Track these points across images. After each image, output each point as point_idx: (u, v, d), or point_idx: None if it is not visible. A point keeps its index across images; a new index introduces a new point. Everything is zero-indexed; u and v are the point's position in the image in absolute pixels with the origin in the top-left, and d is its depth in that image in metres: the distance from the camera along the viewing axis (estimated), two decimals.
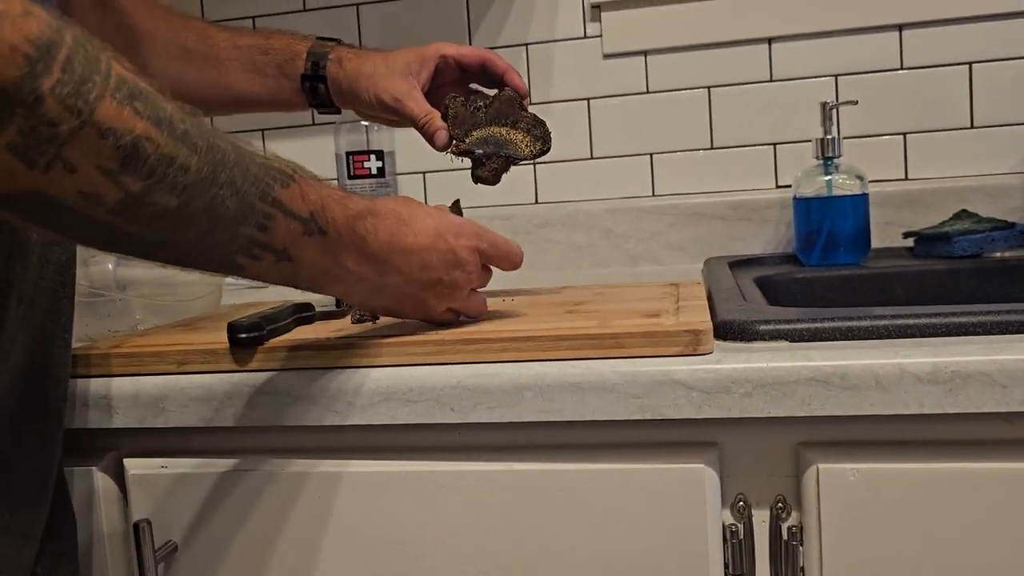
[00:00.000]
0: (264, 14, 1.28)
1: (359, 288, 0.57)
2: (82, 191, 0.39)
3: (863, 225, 1.00)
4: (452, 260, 0.60)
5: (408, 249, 0.57)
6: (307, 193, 0.51)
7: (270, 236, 0.48)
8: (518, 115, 0.78)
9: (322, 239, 0.52)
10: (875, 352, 0.53)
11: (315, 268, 0.53)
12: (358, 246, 0.54)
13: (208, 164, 0.43)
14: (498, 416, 0.57)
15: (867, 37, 1.12)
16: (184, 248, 0.46)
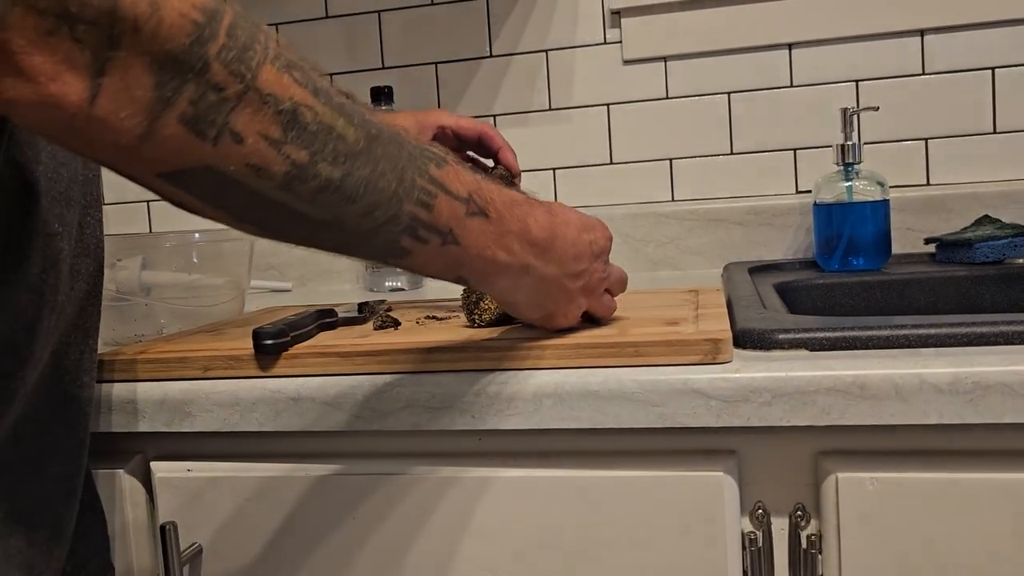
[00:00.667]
0: (286, 21, 1.29)
1: (523, 280, 0.54)
2: (249, 163, 0.39)
3: (884, 231, 1.00)
4: (596, 251, 0.59)
5: (564, 237, 0.55)
6: (461, 173, 0.49)
7: (435, 216, 0.47)
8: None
9: (484, 220, 0.50)
10: (895, 362, 0.53)
11: (482, 253, 0.50)
12: (520, 230, 0.52)
13: (365, 137, 0.43)
14: (518, 423, 0.57)
15: (888, 42, 1.12)
16: (349, 228, 0.45)
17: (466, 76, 1.24)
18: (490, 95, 1.24)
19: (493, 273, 0.52)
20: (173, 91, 0.36)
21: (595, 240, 0.59)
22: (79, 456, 0.58)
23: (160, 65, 0.36)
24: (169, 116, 0.37)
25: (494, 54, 1.23)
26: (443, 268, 0.50)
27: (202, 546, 0.64)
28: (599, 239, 0.59)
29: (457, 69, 1.25)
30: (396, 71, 1.26)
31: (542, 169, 1.23)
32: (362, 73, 1.27)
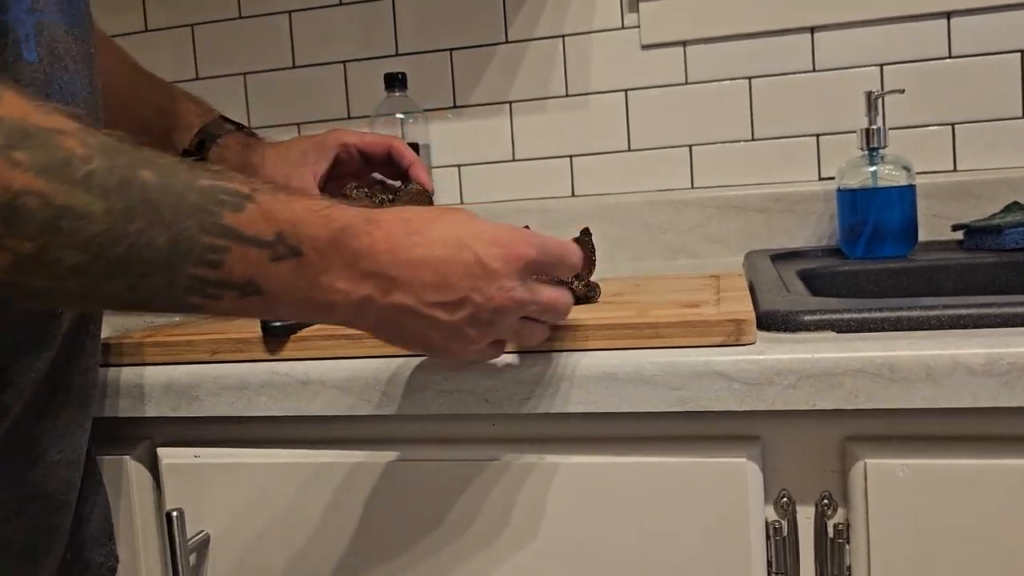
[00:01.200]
0: (300, 8, 1.28)
1: (363, 314, 0.47)
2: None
3: (910, 217, 0.97)
4: (482, 274, 0.47)
5: (418, 261, 0.46)
6: (271, 212, 0.44)
7: (226, 272, 0.42)
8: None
9: (297, 261, 0.44)
10: (926, 343, 0.51)
11: (295, 296, 0.45)
12: (348, 262, 0.45)
13: (122, 205, 0.38)
14: (533, 407, 0.55)
15: (913, 25, 1.09)
16: (118, 299, 0.41)
17: (481, 63, 1.23)
18: (506, 82, 1.22)
19: (315, 312, 0.47)
20: None
21: (481, 259, 0.47)
22: (80, 442, 0.57)
23: None
24: None
25: (510, 40, 1.21)
26: (252, 315, 0.46)
27: (209, 534, 0.63)
28: (490, 257, 0.47)
29: (472, 56, 1.23)
30: (410, 58, 1.25)
31: (559, 156, 1.21)
32: (376, 60, 1.26)
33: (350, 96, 1.27)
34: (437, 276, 0.47)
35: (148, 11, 1.34)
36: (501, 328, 0.50)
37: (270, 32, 1.30)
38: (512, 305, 0.48)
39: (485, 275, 0.47)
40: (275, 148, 0.73)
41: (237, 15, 1.30)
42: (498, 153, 1.23)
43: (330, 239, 0.45)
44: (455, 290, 0.47)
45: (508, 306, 0.48)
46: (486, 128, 1.23)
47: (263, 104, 1.31)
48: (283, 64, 1.29)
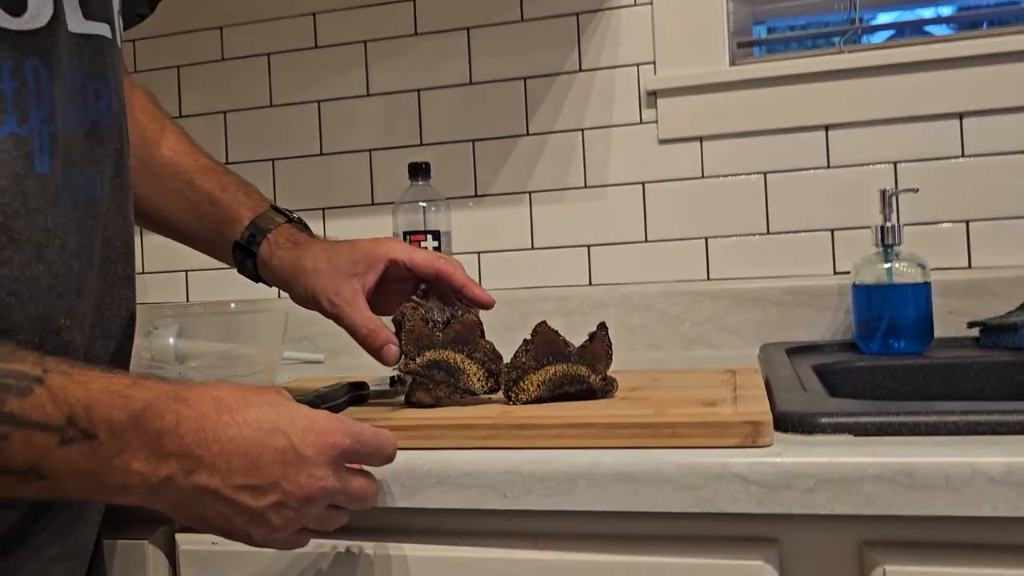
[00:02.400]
0: (328, 98, 1.32)
1: (162, 495, 0.45)
2: None
3: (925, 314, 0.98)
4: (294, 460, 0.47)
5: (227, 442, 0.45)
6: (62, 394, 0.43)
7: (4, 458, 0.42)
8: (477, 343, 0.69)
9: (89, 444, 0.43)
10: (945, 449, 0.51)
11: (84, 479, 0.44)
12: (148, 441, 0.44)
13: None
14: (551, 504, 0.56)
15: (926, 125, 1.12)
16: None
17: (503, 153, 1.26)
18: (526, 172, 1.25)
19: (108, 495, 0.46)
20: None
21: (294, 446, 0.47)
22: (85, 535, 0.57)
23: None
24: None
25: (531, 132, 1.25)
26: (38, 498, 0.45)
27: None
28: (303, 445, 0.47)
29: (494, 146, 1.26)
30: (434, 147, 1.28)
31: (577, 246, 1.23)
32: (401, 149, 1.30)
33: (375, 183, 1.31)
34: (247, 459, 0.46)
35: (183, 96, 1.39)
36: (307, 517, 0.49)
37: (299, 120, 1.34)
38: (321, 494, 0.48)
39: (297, 461, 0.47)
40: (325, 251, 0.71)
41: (268, 103, 1.35)
42: (517, 241, 1.26)
43: (129, 420, 0.44)
44: (265, 475, 0.46)
45: (317, 495, 0.48)
46: (506, 217, 1.26)
47: (290, 189, 1.34)
48: (311, 151, 1.34)
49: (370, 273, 0.70)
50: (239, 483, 0.45)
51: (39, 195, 0.50)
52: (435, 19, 1.28)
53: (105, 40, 0.56)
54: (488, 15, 1.26)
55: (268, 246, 0.72)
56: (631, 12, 1.21)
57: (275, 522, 0.47)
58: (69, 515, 0.55)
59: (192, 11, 1.37)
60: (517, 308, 1.22)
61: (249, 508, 0.46)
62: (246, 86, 1.36)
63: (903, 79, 1.11)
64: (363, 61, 1.31)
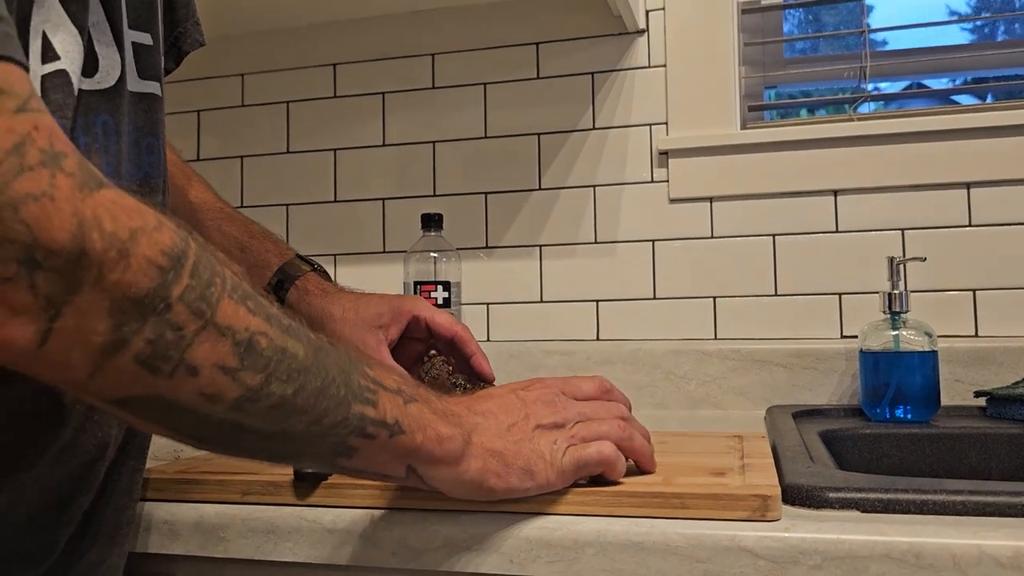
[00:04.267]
0: (344, 147, 1.34)
1: (472, 450, 0.52)
2: (203, 392, 0.39)
3: (932, 383, 0.98)
4: (529, 397, 0.58)
5: (486, 411, 0.56)
6: (388, 370, 0.51)
7: (380, 411, 0.47)
8: None
9: (419, 404, 0.50)
10: (952, 530, 0.51)
11: (427, 433, 0.50)
12: (443, 414, 0.52)
13: (313, 351, 0.44)
14: (557, 571, 0.56)
15: (934, 193, 1.13)
16: (298, 437, 0.44)
17: (515, 207, 1.28)
18: (537, 226, 1.27)
19: (441, 452, 0.51)
20: (131, 333, 0.36)
21: (524, 387, 0.59)
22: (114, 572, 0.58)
23: (120, 309, 0.36)
24: (123, 355, 0.37)
25: (543, 187, 1.27)
26: (390, 461, 0.49)
27: None
28: (527, 386, 0.59)
29: (506, 199, 1.28)
30: (447, 198, 1.30)
31: (585, 301, 1.24)
32: (413, 199, 1.31)
33: (387, 232, 1.32)
34: (501, 403, 0.56)
35: (202, 140, 1.41)
36: (564, 431, 0.57)
37: (315, 167, 1.36)
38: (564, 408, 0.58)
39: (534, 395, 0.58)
40: (353, 302, 0.75)
41: (285, 150, 1.37)
42: (526, 294, 1.26)
43: (428, 393, 0.52)
44: (516, 411, 0.56)
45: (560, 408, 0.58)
46: (516, 269, 1.27)
47: (303, 234, 1.36)
48: (325, 198, 1.35)
49: (393, 326, 0.74)
50: (507, 423, 0.55)
51: None
52: (453, 73, 1.31)
53: (156, 98, 0.59)
54: (505, 71, 1.28)
55: (297, 292, 0.75)
56: (645, 73, 1.23)
57: (540, 443, 0.56)
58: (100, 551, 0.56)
59: (214, 58, 1.39)
60: (523, 361, 1.23)
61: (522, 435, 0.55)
62: (264, 132, 1.38)
63: (912, 148, 1.13)
64: (380, 112, 1.33)
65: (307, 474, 0.61)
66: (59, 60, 0.48)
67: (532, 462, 0.55)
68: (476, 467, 0.52)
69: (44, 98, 0.47)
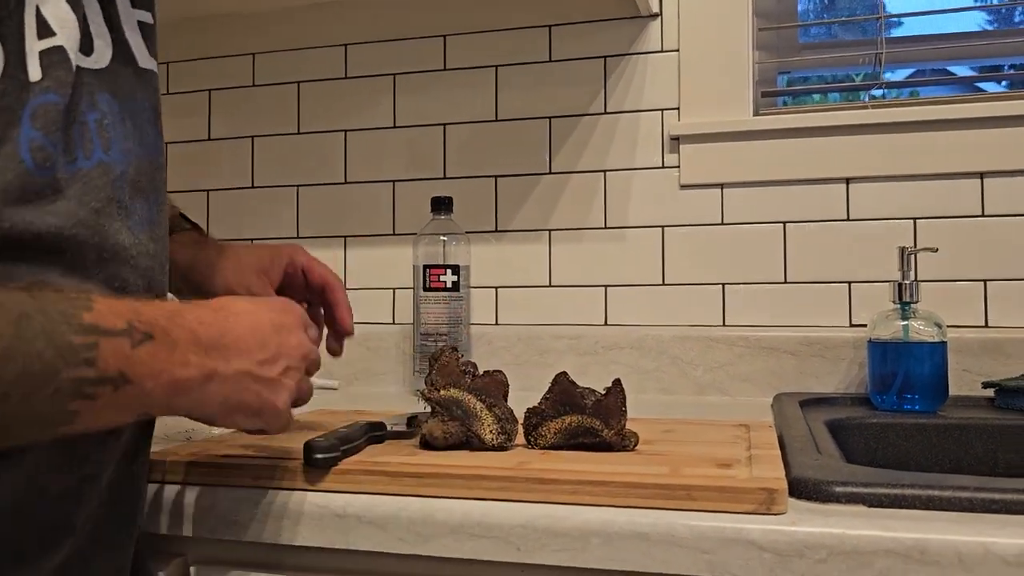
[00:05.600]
0: (354, 128, 1.34)
1: (211, 388, 0.50)
2: None
3: (941, 373, 0.98)
4: (282, 329, 0.57)
5: (238, 329, 0.53)
6: (114, 304, 0.46)
7: (100, 368, 0.43)
8: (499, 401, 0.71)
9: (152, 344, 0.46)
10: (958, 527, 0.51)
11: (159, 380, 0.46)
12: (191, 339, 0.49)
13: (14, 326, 0.40)
14: (564, 560, 0.56)
15: (947, 183, 1.13)
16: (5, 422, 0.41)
17: (525, 190, 1.27)
18: (547, 210, 1.27)
19: (176, 394, 0.48)
20: None
21: (277, 318, 0.57)
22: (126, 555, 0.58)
23: None
24: None
25: (553, 171, 1.26)
26: (117, 414, 0.46)
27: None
28: (280, 314, 0.58)
29: (516, 183, 1.28)
30: (457, 181, 1.30)
31: (594, 286, 1.24)
32: (424, 182, 1.31)
33: (396, 214, 1.32)
34: (256, 338, 0.54)
35: (213, 120, 1.41)
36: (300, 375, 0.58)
37: (325, 148, 1.36)
38: (308, 350, 0.59)
39: (285, 330, 0.57)
40: (234, 251, 0.77)
41: (296, 131, 1.37)
42: (535, 278, 1.27)
43: (169, 319, 0.48)
44: (271, 347, 0.55)
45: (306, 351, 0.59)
46: (525, 253, 1.27)
47: (313, 215, 1.36)
48: (335, 179, 1.35)
49: (274, 269, 0.78)
50: (260, 359, 0.54)
51: (120, 218, 0.53)
52: (464, 55, 1.30)
53: (155, 74, 0.60)
54: (517, 54, 1.28)
55: (175, 244, 0.73)
56: (658, 58, 1.22)
57: (288, 384, 0.56)
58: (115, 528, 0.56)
59: (225, 36, 1.39)
60: (532, 345, 1.23)
61: (271, 379, 0.55)
62: (275, 113, 1.38)
63: (926, 136, 1.12)
64: (391, 93, 1.33)
65: (318, 459, 0.62)
66: (55, 36, 0.48)
67: (264, 408, 0.55)
68: (213, 408, 0.52)
69: (46, 75, 0.47)
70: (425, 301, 1.18)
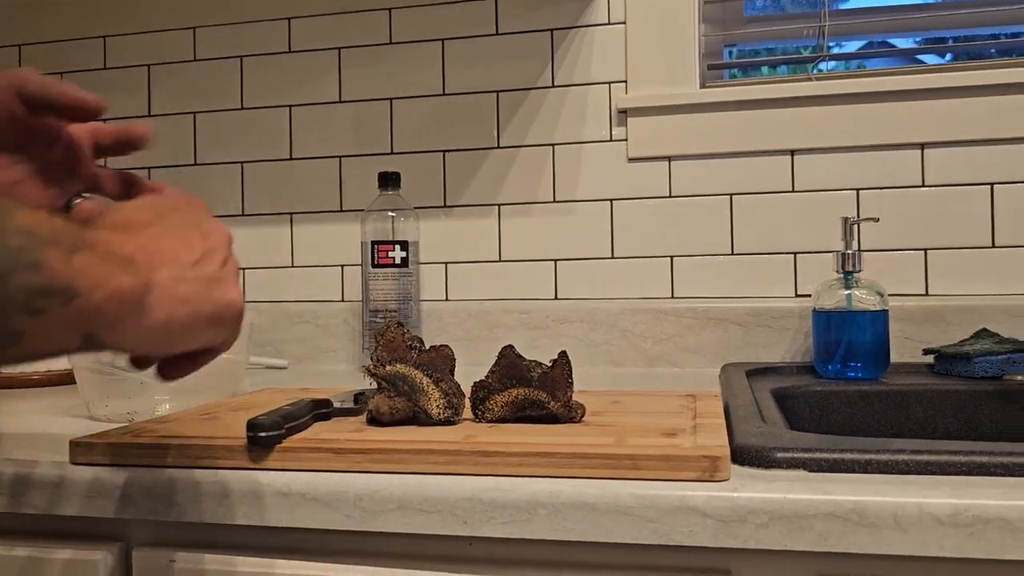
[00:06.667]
0: (300, 103, 1.32)
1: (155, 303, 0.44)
2: None
3: (882, 340, 1.00)
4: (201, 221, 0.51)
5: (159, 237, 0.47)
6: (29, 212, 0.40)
7: (47, 274, 0.38)
8: (446, 376, 0.70)
9: (84, 254, 0.40)
10: (894, 489, 0.52)
11: (104, 290, 0.41)
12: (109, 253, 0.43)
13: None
14: (510, 532, 0.56)
15: (889, 154, 1.14)
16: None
17: (473, 165, 1.26)
18: (496, 185, 1.26)
19: (124, 310, 0.42)
20: None
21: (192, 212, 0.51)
22: None
23: None
24: None
25: (501, 145, 1.26)
26: (65, 334, 0.40)
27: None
28: (196, 206, 0.52)
29: (464, 157, 1.27)
30: (405, 156, 1.28)
31: (544, 260, 1.24)
32: (371, 157, 1.29)
33: (344, 190, 1.31)
34: (181, 241, 0.48)
35: (153, 95, 1.37)
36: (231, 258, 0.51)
37: (270, 124, 1.33)
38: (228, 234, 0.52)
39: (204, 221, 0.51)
40: None
41: (239, 106, 1.34)
42: (485, 253, 1.26)
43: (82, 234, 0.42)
44: (200, 243, 0.49)
45: (229, 235, 0.52)
46: (474, 228, 1.26)
47: (258, 192, 1.34)
48: (280, 155, 1.33)
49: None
50: (193, 259, 0.48)
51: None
52: (410, 29, 1.28)
53: None
54: (463, 27, 1.26)
55: None
56: (605, 31, 1.22)
57: (230, 271, 0.50)
58: None
59: (165, 10, 1.35)
60: (482, 320, 1.23)
61: (211, 274, 0.48)
62: (217, 88, 1.35)
63: (868, 108, 1.14)
64: (336, 67, 1.31)
65: (261, 437, 0.61)
66: None
67: (221, 309, 0.48)
68: (161, 319, 0.44)
69: None
70: (374, 278, 1.16)
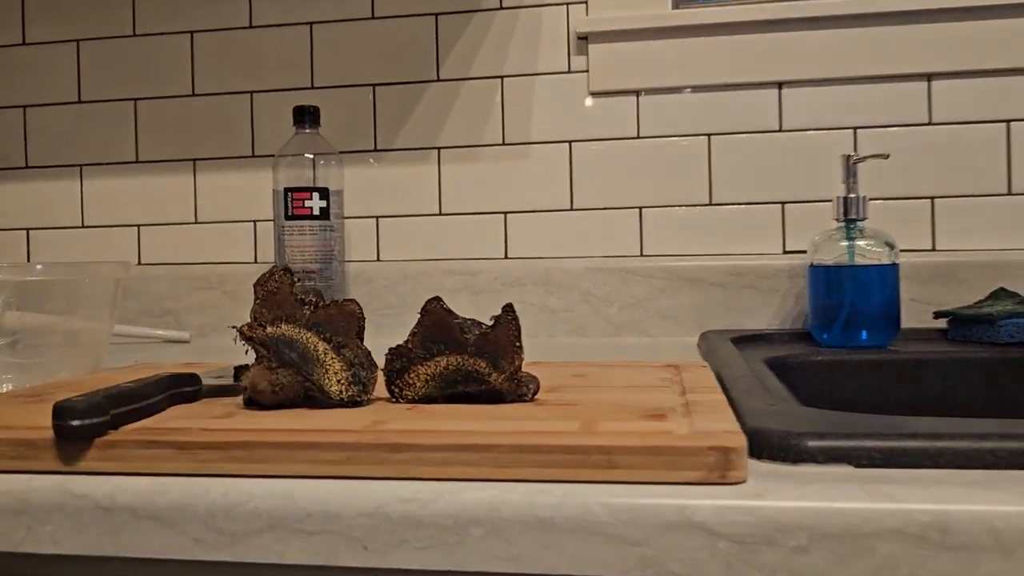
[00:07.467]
0: (202, 29, 1.12)
1: None
2: None
3: (892, 301, 0.84)
4: None
5: None
6: None
7: None
8: (350, 340, 0.52)
9: None
10: (989, 495, 0.36)
11: None
12: None
13: None
14: (431, 561, 0.39)
15: (891, 86, 0.98)
16: None
17: (408, 102, 1.08)
18: (435, 125, 1.07)
19: None
20: None
21: None
22: None
23: None
24: None
25: (442, 78, 1.07)
26: None
27: None
28: None
29: (398, 93, 1.08)
30: (326, 91, 1.09)
31: (492, 213, 1.06)
32: (287, 92, 1.10)
33: (256, 132, 1.11)
34: None
35: (27, 19, 1.16)
36: None
37: (167, 54, 1.13)
38: None
39: None
40: None
41: (131, 32, 1.14)
42: (423, 206, 1.08)
43: None
44: None
45: None
46: (410, 176, 1.08)
47: (155, 134, 1.13)
48: (180, 91, 1.13)
49: None
50: None
51: None
52: None
53: None
54: None
55: None
56: None
57: None
58: None
59: None
60: (420, 283, 1.05)
61: None
62: (104, 12, 1.14)
63: (867, 32, 0.98)
64: None
65: (73, 427, 0.42)
66: None
67: None
68: None
69: None
70: (289, 232, 0.97)
